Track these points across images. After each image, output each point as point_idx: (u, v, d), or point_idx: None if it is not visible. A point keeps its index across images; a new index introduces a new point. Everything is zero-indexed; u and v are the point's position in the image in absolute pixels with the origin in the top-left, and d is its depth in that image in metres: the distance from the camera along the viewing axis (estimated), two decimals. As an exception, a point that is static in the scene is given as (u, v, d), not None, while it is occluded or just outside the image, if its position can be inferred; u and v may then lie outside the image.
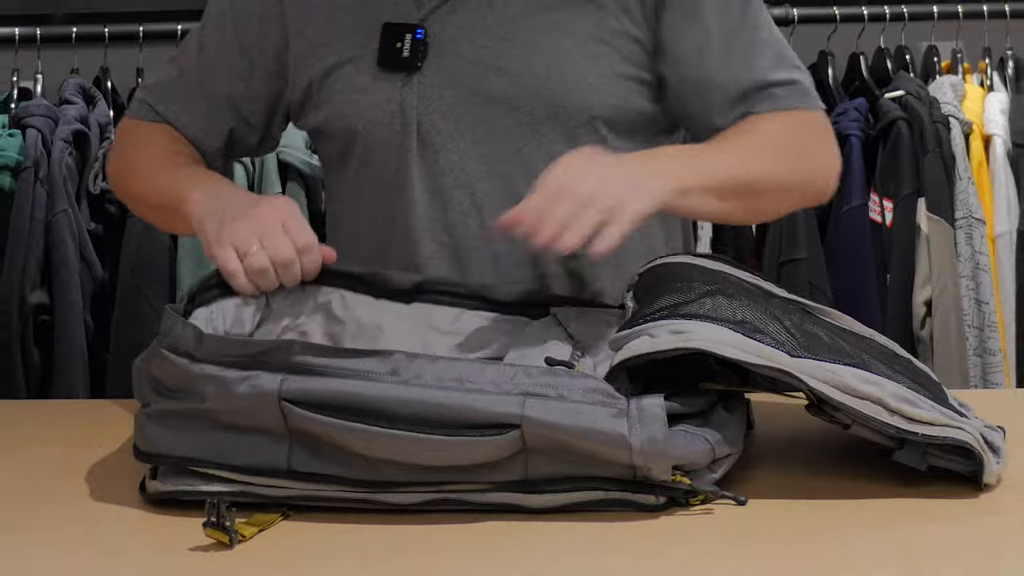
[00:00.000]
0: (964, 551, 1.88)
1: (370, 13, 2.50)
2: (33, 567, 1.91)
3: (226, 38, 2.60)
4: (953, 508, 2.02)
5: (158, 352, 2.05)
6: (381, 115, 2.49)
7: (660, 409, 1.96)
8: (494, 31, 2.47)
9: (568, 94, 2.48)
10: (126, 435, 2.15)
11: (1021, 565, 1.84)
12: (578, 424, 1.94)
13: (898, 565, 1.83)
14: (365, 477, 1.99)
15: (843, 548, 1.89)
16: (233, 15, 2.59)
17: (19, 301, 3.50)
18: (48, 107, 3.66)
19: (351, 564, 1.88)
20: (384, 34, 2.48)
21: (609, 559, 1.87)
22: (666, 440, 1.95)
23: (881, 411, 2.04)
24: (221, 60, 2.60)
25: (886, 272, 3.68)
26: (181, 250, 3.57)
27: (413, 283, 2.34)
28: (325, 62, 2.53)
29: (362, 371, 1.98)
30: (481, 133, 2.48)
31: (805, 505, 2.04)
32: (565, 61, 2.48)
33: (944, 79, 3.88)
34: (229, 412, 2.00)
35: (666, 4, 2.48)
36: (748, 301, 2.15)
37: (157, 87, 2.68)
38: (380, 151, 2.51)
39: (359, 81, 2.50)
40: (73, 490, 2.17)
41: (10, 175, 3.54)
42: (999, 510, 2.01)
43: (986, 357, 3.58)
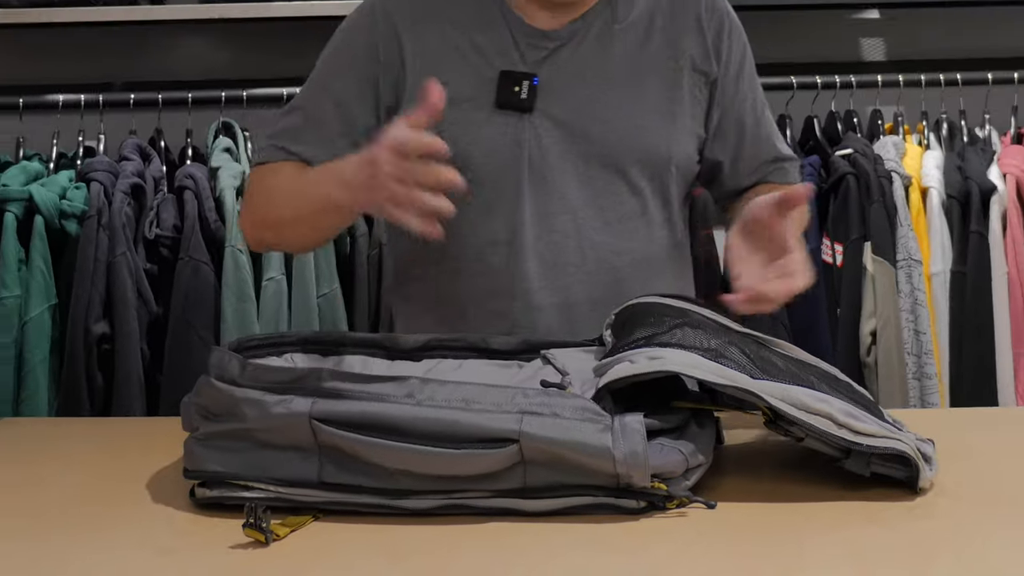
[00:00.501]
0: (904, 552, 1.88)
1: (479, 57, 2.55)
2: (96, 563, 1.91)
3: (347, 76, 2.59)
4: (893, 511, 2.02)
5: (207, 381, 2.06)
6: (498, 147, 2.53)
7: (640, 425, 1.96)
8: (593, 84, 2.55)
9: (655, 145, 2.57)
10: (176, 448, 2.14)
11: (954, 563, 1.85)
12: (569, 438, 1.95)
13: (849, 564, 1.83)
14: (384, 486, 1.99)
15: (800, 548, 1.90)
16: (359, 50, 2.60)
17: (84, 332, 3.48)
18: (109, 163, 3.66)
19: (372, 561, 1.88)
20: (502, 79, 2.53)
21: (597, 556, 1.87)
22: (645, 452, 1.95)
23: (831, 425, 2.05)
24: (344, 96, 2.59)
25: (837, 307, 3.67)
26: (224, 287, 3.55)
27: (421, 343, 2.34)
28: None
29: (381, 394, 1.99)
30: (582, 168, 2.55)
31: (767, 508, 2.04)
32: (651, 116, 2.57)
33: (887, 139, 3.87)
34: (266, 431, 2.00)
35: (719, 81, 2.61)
36: (712, 332, 2.16)
37: (285, 132, 2.63)
38: (494, 177, 2.53)
39: (477, 117, 2.53)
40: (130, 496, 2.17)
41: (76, 222, 3.53)
42: (933, 514, 2.02)
43: (923, 381, 3.58)
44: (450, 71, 2.52)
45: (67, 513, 2.13)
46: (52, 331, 3.54)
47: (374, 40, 2.58)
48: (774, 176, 2.69)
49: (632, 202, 2.58)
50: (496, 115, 2.54)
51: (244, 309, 3.52)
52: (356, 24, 2.64)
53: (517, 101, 2.53)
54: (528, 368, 2.27)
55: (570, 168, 2.54)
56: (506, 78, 2.53)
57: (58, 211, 3.55)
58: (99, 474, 2.32)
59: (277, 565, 1.86)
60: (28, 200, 3.54)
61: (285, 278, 3.59)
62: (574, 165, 2.55)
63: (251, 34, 4.12)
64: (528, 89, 2.52)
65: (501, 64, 2.55)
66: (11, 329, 3.50)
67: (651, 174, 2.59)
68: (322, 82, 2.62)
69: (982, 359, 3.64)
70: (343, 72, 2.60)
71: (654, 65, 2.59)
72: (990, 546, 1.89)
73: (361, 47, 2.59)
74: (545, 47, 2.54)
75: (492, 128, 2.54)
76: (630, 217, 2.59)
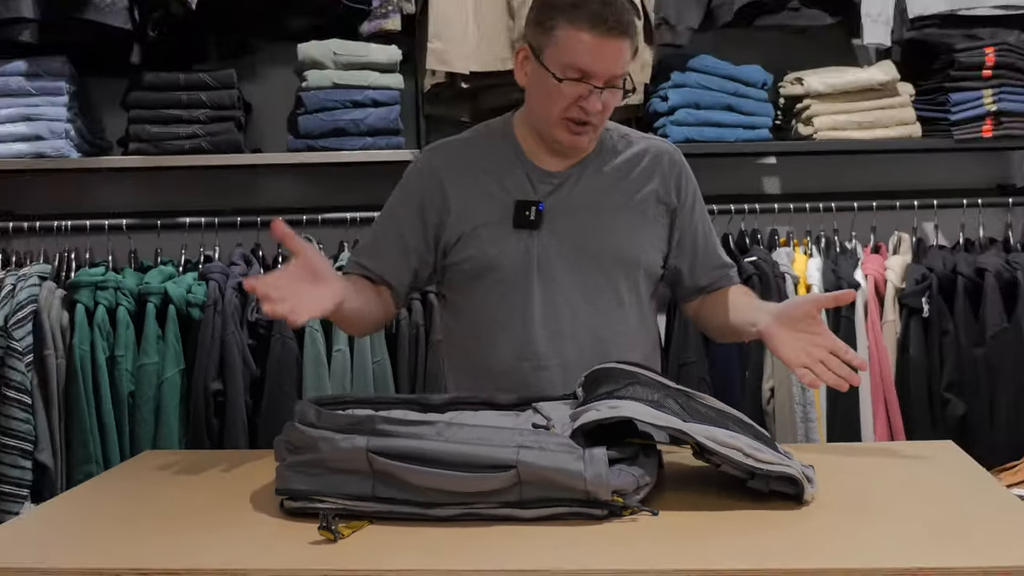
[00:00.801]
0: (793, 547, 1.90)
1: (504, 193, 2.58)
2: (215, 552, 1.93)
3: (410, 210, 2.62)
4: (785, 517, 2.03)
5: (292, 425, 2.09)
6: (515, 255, 2.56)
7: (603, 455, 1.99)
8: (584, 207, 2.59)
9: (634, 254, 2.63)
10: (269, 473, 2.15)
11: (829, 554, 1.86)
12: (553, 465, 1.97)
13: (754, 555, 1.85)
14: (419, 499, 2.01)
15: (718, 543, 1.91)
16: (415, 196, 2.62)
17: (204, 388, 3.48)
18: (223, 267, 3.66)
19: (410, 552, 1.89)
20: (517, 207, 2.57)
21: (571, 550, 1.88)
22: (607, 475, 1.98)
23: (740, 455, 2.07)
24: (406, 225, 2.62)
25: (745, 370, 3.65)
26: (304, 356, 3.54)
27: (445, 400, 2.35)
28: (475, 221, 2.58)
29: (419, 434, 2.01)
30: (576, 270, 2.58)
31: (695, 515, 2.05)
32: (631, 232, 2.62)
33: (781, 250, 3.86)
34: (335, 460, 2.02)
35: (678, 211, 2.67)
36: (654, 389, 2.19)
37: (364, 249, 2.69)
38: (513, 276, 2.57)
39: (500, 233, 2.57)
40: (238, 506, 2.18)
41: (199, 309, 3.54)
42: (814, 519, 2.03)
43: (807, 423, 3.53)
44: (482, 203, 2.58)
45: (194, 517, 2.14)
46: (181, 387, 3.53)
47: (425, 190, 2.62)
48: (723, 282, 2.75)
49: (612, 294, 2.61)
50: (513, 232, 2.57)
51: (319, 372, 3.52)
52: (412, 177, 2.66)
53: (528, 222, 2.56)
54: (523, 416, 2.27)
55: (567, 270, 2.57)
56: (520, 205, 2.57)
57: (185, 301, 3.55)
58: (216, 490, 2.33)
59: (342, 555, 1.88)
60: (164, 294, 3.54)
61: (349, 350, 3.57)
62: (571, 267, 2.58)
63: (322, 174, 4.13)
64: (535, 213, 2.56)
65: (518, 195, 2.58)
66: (152, 386, 3.48)
67: (626, 275, 2.62)
68: (390, 218, 2.65)
69: (849, 408, 3.60)
70: (403, 212, 2.63)
71: (630, 198, 2.63)
72: (853, 541, 1.91)
73: (415, 195, 2.62)
74: (552, 183, 2.59)
75: (511, 241, 2.57)
76: (610, 305, 2.61)
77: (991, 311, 3.68)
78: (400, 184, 2.68)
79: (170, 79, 3.81)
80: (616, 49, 2.44)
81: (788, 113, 4.07)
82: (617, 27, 2.42)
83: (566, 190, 2.59)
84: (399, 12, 3.94)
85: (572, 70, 2.44)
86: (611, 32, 2.41)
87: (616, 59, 2.45)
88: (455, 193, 2.59)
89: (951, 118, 3.95)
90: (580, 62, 2.43)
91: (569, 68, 2.44)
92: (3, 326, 3.46)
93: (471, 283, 2.61)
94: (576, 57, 2.43)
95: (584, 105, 2.47)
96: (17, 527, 2.21)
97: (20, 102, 3.74)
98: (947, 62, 3.98)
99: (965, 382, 3.68)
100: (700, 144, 3.84)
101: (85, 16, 3.62)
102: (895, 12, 3.95)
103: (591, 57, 2.43)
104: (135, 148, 3.79)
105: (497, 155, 2.63)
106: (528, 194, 2.58)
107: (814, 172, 4.26)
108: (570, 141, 2.53)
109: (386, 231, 2.64)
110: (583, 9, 2.42)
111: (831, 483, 2.19)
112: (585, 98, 2.46)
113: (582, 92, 2.46)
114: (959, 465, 2.43)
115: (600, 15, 2.40)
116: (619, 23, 2.42)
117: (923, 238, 4.01)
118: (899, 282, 3.72)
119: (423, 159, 2.68)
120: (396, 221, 2.63)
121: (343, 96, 3.79)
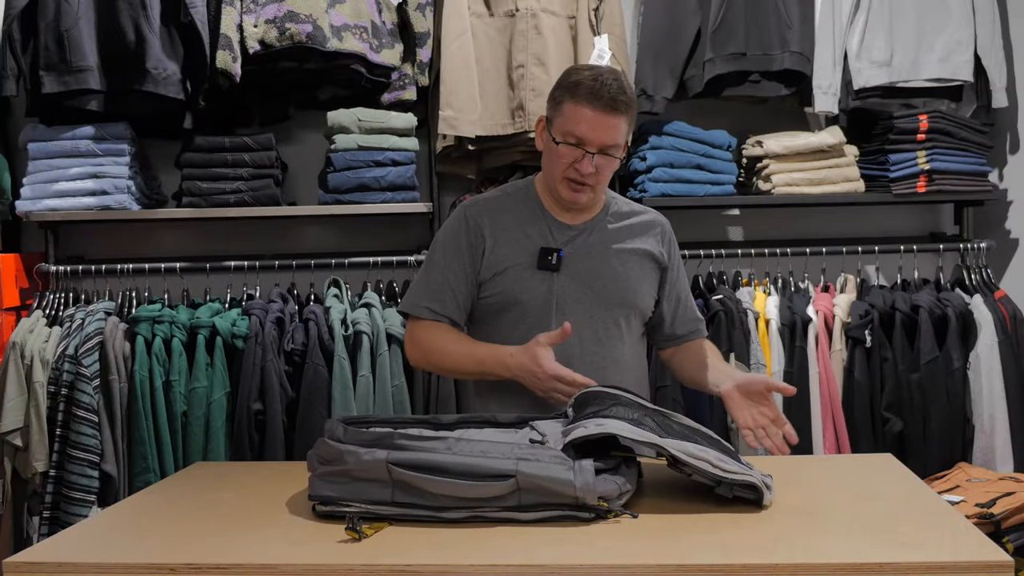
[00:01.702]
0: (755, 544, 1.91)
1: (528, 240, 2.64)
2: (255, 550, 1.94)
3: (461, 253, 2.65)
4: (748, 520, 2.05)
5: (322, 441, 2.10)
6: (538, 293, 2.62)
7: (591, 466, 2.01)
8: (596, 256, 2.66)
9: (633, 297, 2.70)
10: (302, 481, 2.16)
11: (787, 550, 1.87)
12: (547, 474, 1.99)
13: (720, 551, 1.87)
14: (432, 504, 2.03)
15: (689, 540, 1.92)
16: (463, 241, 2.66)
17: (246, 408, 3.47)
18: (263, 304, 3.65)
19: (424, 550, 1.90)
20: (541, 252, 2.62)
21: (562, 547, 1.90)
22: (594, 483, 2.00)
23: (708, 466, 2.09)
24: (455, 277, 2.65)
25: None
26: (333, 381, 3.52)
27: (454, 420, 2.35)
28: (504, 263, 2.63)
29: (431, 448, 2.03)
30: (586, 306, 2.64)
31: (670, 517, 2.06)
32: (632, 279, 2.69)
33: (744, 289, 3.86)
34: (359, 470, 2.04)
35: (667, 270, 2.76)
36: (634, 409, 2.19)
37: (430, 297, 2.66)
38: (535, 311, 2.62)
39: (526, 275, 2.63)
40: (276, 509, 2.19)
41: (242, 340, 3.53)
42: (774, 521, 2.04)
43: None
44: (511, 249, 2.64)
45: (238, 519, 2.15)
46: (227, 407, 3.52)
47: (468, 238, 2.66)
48: (696, 335, 2.84)
49: (614, 328, 2.67)
50: (537, 273, 2.63)
51: (346, 395, 3.50)
52: (456, 227, 2.69)
53: (550, 265, 2.62)
54: (521, 432, 2.28)
55: (579, 306, 2.63)
56: (544, 251, 2.63)
57: (231, 333, 3.55)
58: (256, 496, 2.33)
59: (367, 551, 1.90)
60: (212, 327, 3.54)
61: (371, 375, 3.56)
62: (582, 305, 2.63)
63: (348, 224, 4.14)
64: (557, 258, 2.62)
65: (541, 243, 2.64)
66: (201, 406, 3.47)
67: (625, 314, 2.68)
68: (441, 266, 2.67)
69: (803, 424, 3.58)
70: (451, 260, 2.66)
71: (632, 252, 2.70)
72: (807, 540, 1.92)
73: (464, 242, 2.66)
74: (569, 234, 2.65)
75: (534, 281, 2.62)
76: (611, 337, 2.66)
77: (924, 341, 3.69)
78: (444, 234, 2.71)
79: (217, 142, 3.83)
80: (609, 123, 2.52)
81: (750, 171, 4.07)
82: (611, 104, 2.50)
83: (581, 240, 2.66)
84: (415, 84, 3.98)
85: (570, 136, 2.54)
86: (606, 108, 2.50)
87: (608, 131, 2.53)
88: (491, 238, 2.65)
89: (890, 176, 3.96)
90: (577, 130, 2.53)
91: (568, 135, 2.54)
92: (74, 355, 3.47)
93: (499, 315, 2.66)
94: (574, 126, 2.53)
95: (578, 167, 2.54)
96: (86, 528, 2.21)
97: (88, 162, 3.75)
98: (887, 127, 4.00)
99: (902, 403, 3.68)
100: (674, 198, 3.85)
101: (144, 88, 3.64)
102: (842, 84, 3.98)
103: (586, 127, 2.52)
104: (187, 202, 3.80)
105: (523, 209, 2.69)
106: (550, 242, 2.64)
107: (772, 222, 4.26)
108: (570, 197, 2.61)
109: (443, 279, 2.66)
110: (583, 87, 2.52)
111: (787, 490, 2.20)
112: (579, 161, 2.53)
113: (576, 155, 2.54)
114: (897, 475, 2.44)
115: (598, 94, 2.50)
116: (613, 102, 2.51)
117: (866, 279, 4.01)
118: (845, 317, 3.73)
119: (464, 213, 2.71)
120: (449, 269, 2.66)
121: (366, 156, 3.80)
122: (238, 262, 3.81)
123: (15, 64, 3.66)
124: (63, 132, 3.75)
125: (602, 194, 2.71)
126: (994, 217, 4.18)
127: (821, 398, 3.65)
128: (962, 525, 1.99)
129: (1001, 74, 3.99)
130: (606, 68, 2.60)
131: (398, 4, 3.91)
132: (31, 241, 4.08)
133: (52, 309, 3.74)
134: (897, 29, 3.98)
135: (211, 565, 1.87)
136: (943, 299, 3.77)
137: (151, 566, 1.88)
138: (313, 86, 4.02)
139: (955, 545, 1.87)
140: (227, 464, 3.27)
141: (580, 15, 3.87)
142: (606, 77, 2.52)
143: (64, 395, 3.47)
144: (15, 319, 3.78)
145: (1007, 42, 4.06)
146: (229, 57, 3.63)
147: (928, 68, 3.99)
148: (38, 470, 3.46)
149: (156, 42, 3.64)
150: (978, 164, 3.98)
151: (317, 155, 4.01)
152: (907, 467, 2.51)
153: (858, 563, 1.79)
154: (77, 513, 3.38)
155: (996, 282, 4.01)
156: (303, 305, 3.77)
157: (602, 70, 2.56)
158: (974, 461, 3.69)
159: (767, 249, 3.95)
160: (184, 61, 3.70)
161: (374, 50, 3.80)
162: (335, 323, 3.59)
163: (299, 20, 3.64)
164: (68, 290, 3.81)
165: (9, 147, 4.04)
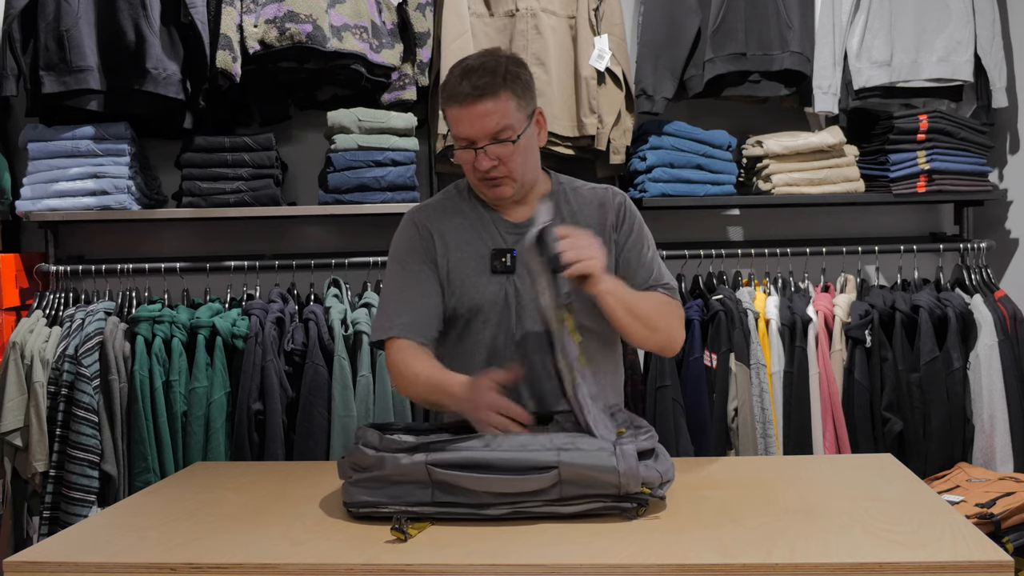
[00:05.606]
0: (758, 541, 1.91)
1: (482, 243, 2.57)
2: (255, 551, 1.94)
3: (423, 266, 2.58)
4: (748, 520, 2.04)
5: (356, 448, 2.13)
6: (495, 295, 2.55)
7: (633, 451, 2.04)
8: None
9: None
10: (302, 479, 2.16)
11: (787, 548, 1.87)
12: (589, 462, 2.03)
13: (719, 551, 1.87)
14: (473, 502, 2.05)
15: (690, 541, 1.92)
16: (418, 252, 2.59)
17: (246, 408, 3.47)
18: (263, 304, 3.65)
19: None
20: (493, 255, 2.55)
21: (562, 547, 1.91)
22: (637, 468, 2.03)
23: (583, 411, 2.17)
24: (424, 278, 2.57)
25: (713, 393, 3.63)
26: (333, 381, 3.52)
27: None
28: (458, 269, 2.57)
29: (469, 446, 2.06)
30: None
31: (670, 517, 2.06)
32: None
33: (744, 289, 3.86)
34: (399, 475, 2.06)
35: (621, 236, 2.62)
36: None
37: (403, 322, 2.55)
38: (494, 315, 2.55)
39: (482, 279, 2.56)
40: (276, 509, 2.19)
41: (242, 340, 3.54)
42: (779, 516, 2.03)
43: (767, 439, 3.54)
44: (463, 253, 2.58)
45: (238, 519, 2.15)
46: (227, 407, 3.52)
47: (423, 242, 2.60)
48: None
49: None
50: (492, 276, 2.56)
51: (345, 395, 3.50)
52: (408, 235, 2.63)
53: (504, 267, 2.56)
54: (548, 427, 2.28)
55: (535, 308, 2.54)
56: (496, 253, 2.57)
57: (230, 333, 3.55)
58: (256, 496, 2.34)
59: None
60: (212, 327, 3.55)
61: (371, 375, 3.55)
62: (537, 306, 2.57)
63: (348, 224, 4.14)
64: (511, 259, 2.56)
65: (493, 244, 2.58)
66: (201, 406, 3.48)
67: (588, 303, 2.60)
68: (399, 283, 2.60)
69: (803, 425, 3.60)
70: (414, 269, 2.58)
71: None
72: (810, 540, 1.92)
73: (419, 247, 2.60)
74: (518, 232, 2.56)
75: (491, 284, 2.56)
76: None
77: (924, 341, 3.69)
78: (399, 249, 2.64)
79: (217, 142, 3.83)
80: (480, 111, 2.43)
81: (750, 171, 4.08)
82: (477, 92, 2.41)
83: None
84: (415, 84, 3.98)
85: (460, 140, 2.49)
86: (472, 98, 2.42)
87: (484, 119, 2.44)
88: (441, 244, 2.60)
89: (890, 176, 3.97)
90: (458, 132, 2.48)
91: (457, 139, 2.50)
92: (74, 354, 3.47)
93: (463, 323, 2.60)
94: (455, 128, 2.49)
95: (477, 165, 2.50)
96: (86, 528, 2.22)
97: (88, 162, 3.76)
98: (887, 127, 4.01)
99: (902, 403, 3.68)
100: (674, 198, 3.85)
101: (144, 87, 3.65)
102: (842, 84, 3.98)
103: (464, 125, 2.46)
104: (187, 201, 3.81)
105: (468, 211, 2.64)
106: (499, 243, 2.58)
107: (772, 222, 4.27)
108: (492, 194, 2.57)
109: (411, 293, 2.57)
110: (448, 87, 2.47)
111: (787, 490, 2.20)
112: (475, 159, 2.49)
113: (471, 156, 2.50)
114: (897, 475, 2.45)
115: (461, 88, 2.43)
116: (478, 88, 2.41)
117: (866, 279, 4.02)
118: (845, 317, 3.73)
119: (412, 219, 2.66)
120: (416, 279, 2.58)
121: (366, 157, 3.80)
122: (238, 262, 3.81)
123: (15, 64, 3.66)
124: (63, 132, 3.76)
125: (531, 181, 2.61)
126: (994, 217, 4.19)
127: (821, 398, 3.65)
128: (962, 525, 2.00)
129: (1001, 74, 3.99)
130: (481, 53, 2.53)
131: (398, 4, 3.91)
132: (31, 241, 4.10)
133: (52, 309, 3.74)
134: (897, 29, 3.99)
135: (211, 565, 1.87)
136: (943, 299, 3.78)
137: (151, 566, 1.88)
138: (313, 86, 4.03)
139: (955, 545, 1.87)
140: (227, 464, 3.28)
141: (580, 15, 3.88)
142: (473, 63, 2.45)
143: (64, 395, 3.48)
144: (15, 319, 3.79)
145: (1007, 42, 4.07)
146: (229, 57, 3.64)
147: (928, 68, 3.99)
148: (38, 470, 3.46)
149: (156, 42, 3.64)
150: (978, 164, 3.98)
151: (317, 155, 4.02)
152: (907, 467, 2.52)
153: (858, 563, 1.79)
154: (77, 513, 3.39)
155: (996, 282, 4.02)
156: (303, 305, 3.78)
157: (473, 58, 2.50)
158: (974, 461, 3.69)
159: (767, 249, 3.95)
160: (184, 61, 3.71)
161: (374, 50, 3.80)
162: (335, 323, 3.59)
163: (299, 20, 3.64)
164: (68, 290, 3.82)
165: (9, 147, 4.05)
